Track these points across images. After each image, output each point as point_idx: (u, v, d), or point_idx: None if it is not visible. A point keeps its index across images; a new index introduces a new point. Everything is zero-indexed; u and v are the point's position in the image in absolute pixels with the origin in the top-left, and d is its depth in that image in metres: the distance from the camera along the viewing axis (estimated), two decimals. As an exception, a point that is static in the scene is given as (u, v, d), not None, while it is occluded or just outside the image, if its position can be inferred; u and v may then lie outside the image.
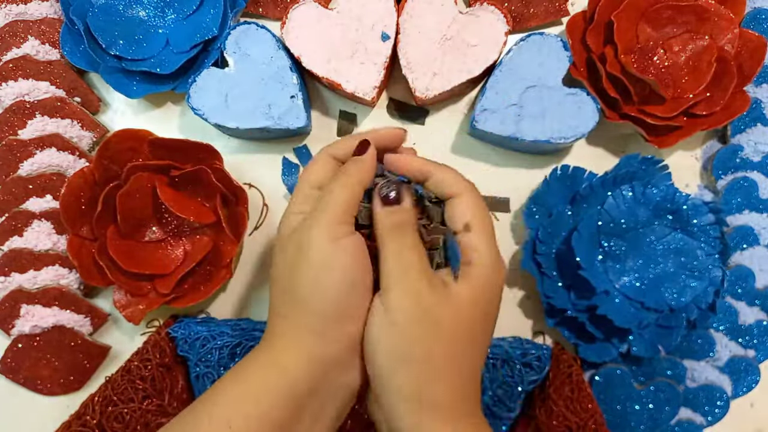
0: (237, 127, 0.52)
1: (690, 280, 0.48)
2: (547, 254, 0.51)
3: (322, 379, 0.33)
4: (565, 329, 0.51)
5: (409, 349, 0.32)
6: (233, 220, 0.52)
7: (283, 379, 0.32)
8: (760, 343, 0.53)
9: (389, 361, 0.33)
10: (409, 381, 0.32)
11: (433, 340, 0.32)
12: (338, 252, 0.33)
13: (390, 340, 0.33)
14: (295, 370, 0.33)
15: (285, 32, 0.52)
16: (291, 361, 0.33)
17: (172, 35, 0.54)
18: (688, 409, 0.52)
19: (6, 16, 0.55)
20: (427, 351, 0.32)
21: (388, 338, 0.33)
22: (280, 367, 0.33)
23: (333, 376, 0.34)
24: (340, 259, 0.33)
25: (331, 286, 0.33)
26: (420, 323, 0.32)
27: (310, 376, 0.33)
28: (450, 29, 0.52)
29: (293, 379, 0.32)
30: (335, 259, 0.33)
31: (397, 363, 0.32)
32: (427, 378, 0.32)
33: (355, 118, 0.57)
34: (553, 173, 0.53)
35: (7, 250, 0.53)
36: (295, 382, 0.32)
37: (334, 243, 0.33)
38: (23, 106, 0.54)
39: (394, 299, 0.33)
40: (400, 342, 0.32)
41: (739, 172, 0.55)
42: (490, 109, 0.52)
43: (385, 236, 0.35)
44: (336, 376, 0.34)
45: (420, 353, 0.32)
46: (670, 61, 0.53)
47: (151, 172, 0.51)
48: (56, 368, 0.53)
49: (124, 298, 0.51)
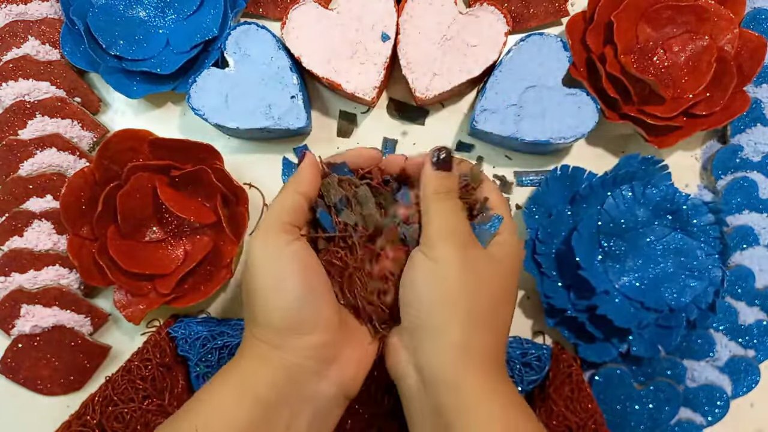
0: (237, 128, 0.52)
1: (690, 280, 0.48)
2: (546, 254, 0.51)
3: (290, 389, 0.34)
4: (565, 329, 0.51)
5: (457, 300, 0.33)
6: (233, 220, 0.52)
7: (250, 390, 0.33)
8: (760, 343, 0.53)
9: (439, 310, 0.34)
10: (458, 329, 0.33)
11: (478, 293, 0.34)
12: (282, 261, 0.33)
13: (439, 290, 0.34)
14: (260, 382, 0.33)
15: (285, 32, 0.52)
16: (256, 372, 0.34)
17: (173, 35, 0.54)
18: (688, 409, 0.52)
19: (6, 16, 0.55)
20: (473, 303, 0.34)
21: (437, 288, 0.34)
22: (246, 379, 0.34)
23: (302, 385, 0.34)
24: (284, 268, 0.33)
25: (277, 298, 0.33)
26: (467, 276, 0.34)
27: (276, 386, 0.33)
28: (450, 29, 0.52)
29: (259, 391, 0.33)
30: (278, 269, 0.33)
31: (447, 312, 0.33)
32: (472, 327, 0.33)
33: (355, 118, 0.57)
34: (552, 173, 0.53)
35: (7, 250, 0.53)
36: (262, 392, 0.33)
37: (276, 252, 0.34)
38: (23, 106, 0.54)
39: (443, 253, 0.34)
40: (449, 292, 0.34)
41: (739, 172, 0.55)
42: (490, 109, 0.52)
43: (432, 197, 0.36)
44: (306, 385, 0.34)
45: (466, 304, 0.33)
46: (669, 61, 0.53)
47: (151, 172, 0.51)
48: (56, 368, 0.53)
49: (124, 298, 0.51)
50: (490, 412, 0.32)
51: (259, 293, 0.34)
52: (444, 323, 0.33)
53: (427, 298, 0.34)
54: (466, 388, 0.32)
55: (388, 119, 0.57)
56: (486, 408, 0.32)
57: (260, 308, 0.34)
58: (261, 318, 0.34)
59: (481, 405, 0.32)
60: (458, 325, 0.33)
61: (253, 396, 0.33)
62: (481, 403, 0.32)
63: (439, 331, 0.33)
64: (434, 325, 0.34)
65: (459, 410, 0.32)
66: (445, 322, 0.33)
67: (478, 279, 0.34)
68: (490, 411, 0.32)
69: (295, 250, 0.34)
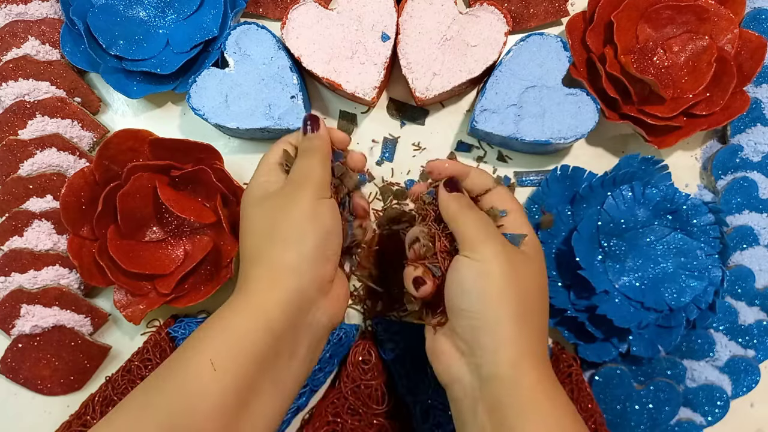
0: (237, 127, 0.52)
1: (690, 280, 0.48)
2: (546, 254, 0.51)
3: (297, 316, 0.37)
4: (565, 329, 0.51)
5: (507, 294, 0.36)
6: (234, 220, 0.52)
7: (263, 316, 0.35)
8: (760, 343, 0.53)
9: (491, 306, 0.36)
10: (511, 323, 0.35)
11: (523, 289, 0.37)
12: (321, 207, 0.39)
13: (489, 287, 0.36)
14: (274, 308, 0.36)
15: (285, 32, 0.52)
16: (269, 299, 0.36)
17: (173, 35, 0.54)
18: (688, 409, 0.52)
19: (6, 16, 0.55)
20: (520, 297, 0.36)
21: (487, 285, 0.36)
22: (258, 307, 0.36)
23: (305, 313, 0.38)
24: (322, 213, 0.39)
25: (314, 231, 0.38)
26: (511, 272, 0.37)
27: (287, 312, 0.36)
28: (450, 30, 0.52)
29: (272, 316, 0.36)
30: (319, 212, 0.39)
31: (499, 306, 0.36)
32: (521, 322, 0.36)
33: (355, 118, 0.57)
34: (552, 173, 0.53)
35: (7, 250, 0.53)
36: (274, 318, 0.36)
37: (318, 201, 0.39)
38: (23, 107, 0.54)
39: (487, 252, 0.37)
40: (499, 287, 0.36)
41: (739, 172, 0.55)
42: (490, 109, 0.52)
43: (459, 213, 0.40)
44: (307, 314, 0.38)
45: (515, 298, 0.36)
46: (669, 61, 0.53)
47: (151, 172, 0.51)
48: (56, 368, 0.53)
49: (124, 298, 0.51)
50: (546, 411, 0.34)
51: (298, 224, 0.38)
52: (498, 318, 0.36)
53: (477, 296, 0.36)
54: (524, 385, 0.34)
55: (388, 119, 0.57)
56: (544, 407, 0.34)
57: (295, 235, 0.38)
58: (295, 244, 0.38)
59: (539, 404, 0.34)
60: (511, 319, 0.36)
61: (265, 325, 0.35)
62: (539, 402, 0.34)
63: (495, 326, 0.36)
64: (488, 320, 0.36)
65: (517, 407, 0.34)
66: (498, 317, 0.36)
67: (519, 275, 0.37)
68: (545, 410, 0.34)
69: (333, 202, 0.41)
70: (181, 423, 0.32)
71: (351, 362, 0.51)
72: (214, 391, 0.33)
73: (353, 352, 0.51)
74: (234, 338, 0.35)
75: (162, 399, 0.33)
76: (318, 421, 0.50)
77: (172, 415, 0.32)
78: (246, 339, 0.35)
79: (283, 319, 0.36)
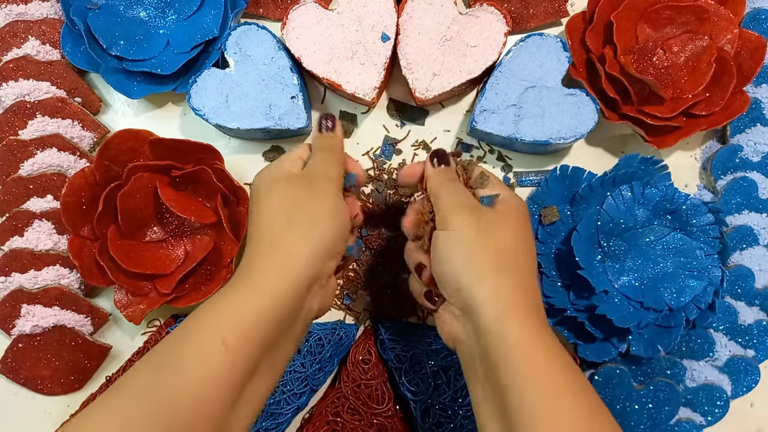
0: (238, 128, 0.52)
1: (689, 280, 0.48)
2: (546, 254, 0.51)
3: (298, 303, 0.38)
4: (565, 329, 0.51)
5: (479, 255, 0.38)
6: (234, 220, 0.52)
7: (270, 301, 0.36)
8: (760, 342, 0.53)
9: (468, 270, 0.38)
10: (489, 281, 0.37)
11: (496, 247, 0.38)
12: (340, 206, 0.41)
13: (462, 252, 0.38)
14: (281, 294, 0.37)
15: (285, 33, 0.52)
16: (279, 286, 0.37)
17: (173, 36, 0.54)
18: (688, 408, 0.52)
19: (6, 16, 0.55)
20: (495, 255, 0.38)
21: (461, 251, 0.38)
22: (267, 292, 0.37)
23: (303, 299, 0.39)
24: (342, 211, 0.41)
25: (333, 228, 0.40)
26: (483, 235, 0.38)
27: (292, 299, 0.37)
28: (450, 30, 0.52)
29: (279, 302, 0.36)
30: (339, 210, 0.41)
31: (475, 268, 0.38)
32: (498, 275, 0.37)
33: (355, 119, 0.57)
34: (552, 173, 0.53)
35: (7, 250, 0.53)
36: (281, 304, 0.37)
37: (339, 199, 0.41)
38: (24, 107, 0.54)
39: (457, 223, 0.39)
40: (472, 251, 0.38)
41: (739, 172, 0.55)
42: (490, 109, 0.52)
43: (439, 187, 0.42)
44: (305, 301, 0.39)
45: (489, 258, 0.38)
46: (669, 61, 0.53)
47: (151, 172, 0.51)
48: (57, 368, 0.53)
49: (125, 298, 0.51)
50: (531, 359, 0.35)
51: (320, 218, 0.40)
52: (474, 279, 0.37)
53: (454, 264, 0.38)
54: (510, 340, 0.36)
55: (388, 119, 0.57)
56: (527, 355, 0.35)
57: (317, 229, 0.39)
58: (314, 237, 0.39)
59: (526, 356, 0.35)
60: (488, 277, 0.37)
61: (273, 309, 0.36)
62: (526, 355, 0.35)
63: (473, 287, 0.37)
64: (467, 282, 0.37)
65: (505, 361, 0.35)
66: (474, 278, 0.37)
67: (492, 234, 0.39)
68: (531, 359, 0.35)
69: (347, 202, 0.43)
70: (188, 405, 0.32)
71: (351, 362, 0.51)
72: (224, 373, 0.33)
73: (353, 352, 0.52)
74: (243, 320, 0.35)
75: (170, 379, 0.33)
76: (318, 421, 0.50)
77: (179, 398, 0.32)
78: (254, 322, 0.35)
79: (288, 306, 0.37)
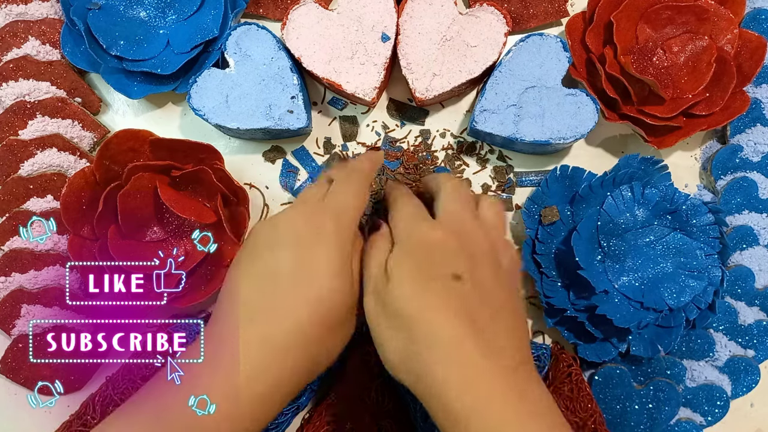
0: (238, 128, 0.52)
1: (689, 280, 0.48)
2: (546, 254, 0.51)
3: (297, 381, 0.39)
4: (565, 329, 0.51)
5: (431, 269, 0.38)
6: (234, 220, 0.52)
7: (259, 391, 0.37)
8: (760, 342, 0.53)
9: (412, 279, 0.38)
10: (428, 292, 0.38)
11: (418, 253, 0.39)
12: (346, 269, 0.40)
13: (410, 264, 0.39)
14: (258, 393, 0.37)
15: (285, 33, 0.52)
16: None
17: (173, 36, 0.54)
18: (688, 408, 0.52)
19: (6, 16, 0.55)
20: (416, 259, 0.39)
21: (408, 263, 0.39)
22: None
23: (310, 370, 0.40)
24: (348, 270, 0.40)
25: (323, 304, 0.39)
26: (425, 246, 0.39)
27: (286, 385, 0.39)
28: (450, 30, 0.52)
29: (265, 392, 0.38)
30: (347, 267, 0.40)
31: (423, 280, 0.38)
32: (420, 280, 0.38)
33: (355, 119, 0.57)
34: (552, 173, 0.53)
35: (7, 250, 0.53)
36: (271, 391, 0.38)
37: (349, 255, 0.41)
38: (24, 107, 0.54)
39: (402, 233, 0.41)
40: (418, 263, 0.38)
41: (739, 172, 0.55)
42: (490, 109, 0.52)
43: (393, 200, 0.44)
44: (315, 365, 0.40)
45: (410, 261, 0.39)
46: (669, 61, 0.53)
47: (152, 172, 0.51)
48: (56, 368, 0.53)
49: (124, 298, 0.52)
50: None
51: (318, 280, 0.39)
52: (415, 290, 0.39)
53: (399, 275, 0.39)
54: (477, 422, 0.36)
55: (388, 119, 0.57)
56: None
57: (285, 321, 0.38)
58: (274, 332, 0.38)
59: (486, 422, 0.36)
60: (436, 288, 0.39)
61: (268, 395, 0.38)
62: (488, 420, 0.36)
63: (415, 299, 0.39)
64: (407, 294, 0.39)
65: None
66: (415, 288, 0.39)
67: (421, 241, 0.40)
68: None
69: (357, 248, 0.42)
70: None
71: (351, 362, 0.51)
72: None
73: (353, 352, 0.52)
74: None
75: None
76: (318, 421, 0.50)
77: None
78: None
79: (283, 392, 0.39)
